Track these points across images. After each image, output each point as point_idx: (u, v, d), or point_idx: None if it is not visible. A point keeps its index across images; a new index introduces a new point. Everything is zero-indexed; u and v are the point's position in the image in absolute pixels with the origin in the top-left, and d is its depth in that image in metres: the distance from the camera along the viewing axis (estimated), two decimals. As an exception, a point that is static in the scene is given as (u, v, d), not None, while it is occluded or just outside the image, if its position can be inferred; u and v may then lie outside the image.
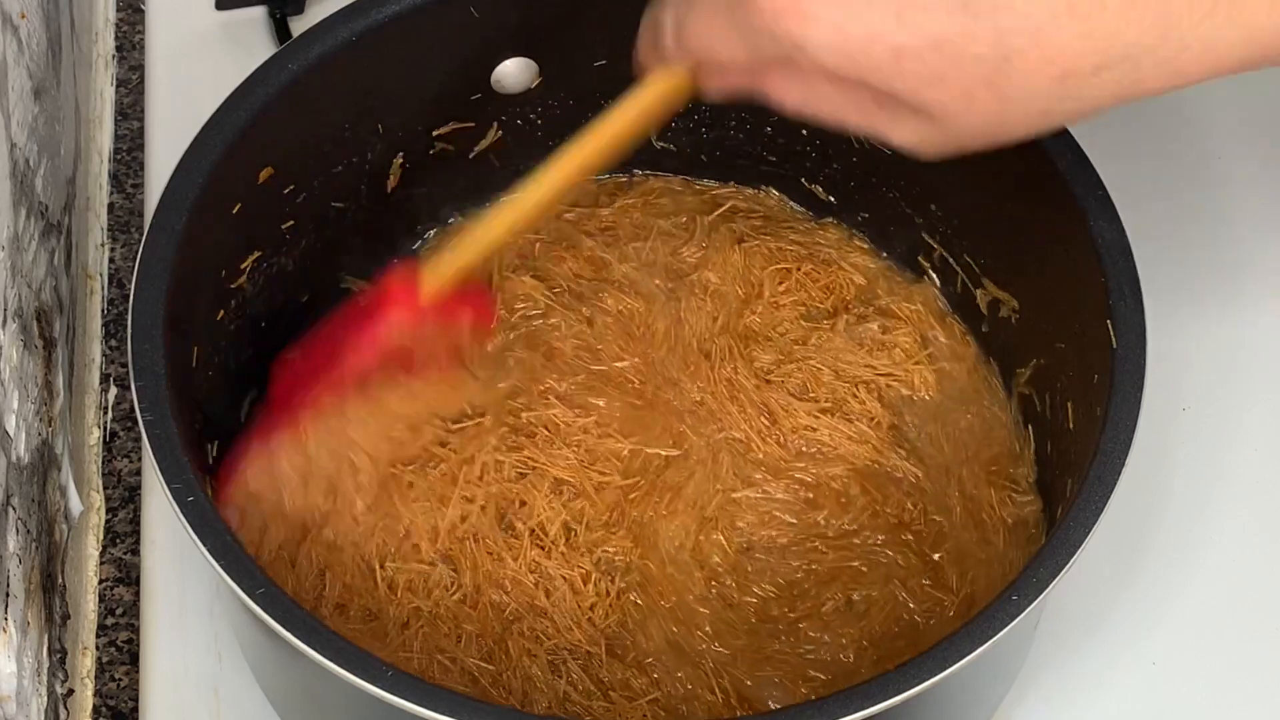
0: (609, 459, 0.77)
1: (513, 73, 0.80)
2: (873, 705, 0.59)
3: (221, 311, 0.74)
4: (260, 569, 0.61)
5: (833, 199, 0.85)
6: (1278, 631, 0.78)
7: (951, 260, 0.81)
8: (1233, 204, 0.92)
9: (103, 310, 0.91)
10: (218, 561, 0.61)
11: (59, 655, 0.75)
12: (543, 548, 0.74)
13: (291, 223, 0.77)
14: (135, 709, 0.77)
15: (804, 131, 0.82)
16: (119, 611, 0.81)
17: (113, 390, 0.88)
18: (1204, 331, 0.86)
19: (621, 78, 0.81)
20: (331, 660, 0.59)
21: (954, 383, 0.80)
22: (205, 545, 0.61)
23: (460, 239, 0.72)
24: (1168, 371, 0.81)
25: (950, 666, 0.60)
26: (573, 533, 0.75)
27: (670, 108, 0.66)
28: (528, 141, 0.84)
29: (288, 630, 0.59)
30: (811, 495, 0.77)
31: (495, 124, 0.82)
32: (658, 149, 0.85)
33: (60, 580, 0.77)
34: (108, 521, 0.84)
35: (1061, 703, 0.76)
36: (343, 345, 0.73)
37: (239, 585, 0.60)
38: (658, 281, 0.82)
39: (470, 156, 0.83)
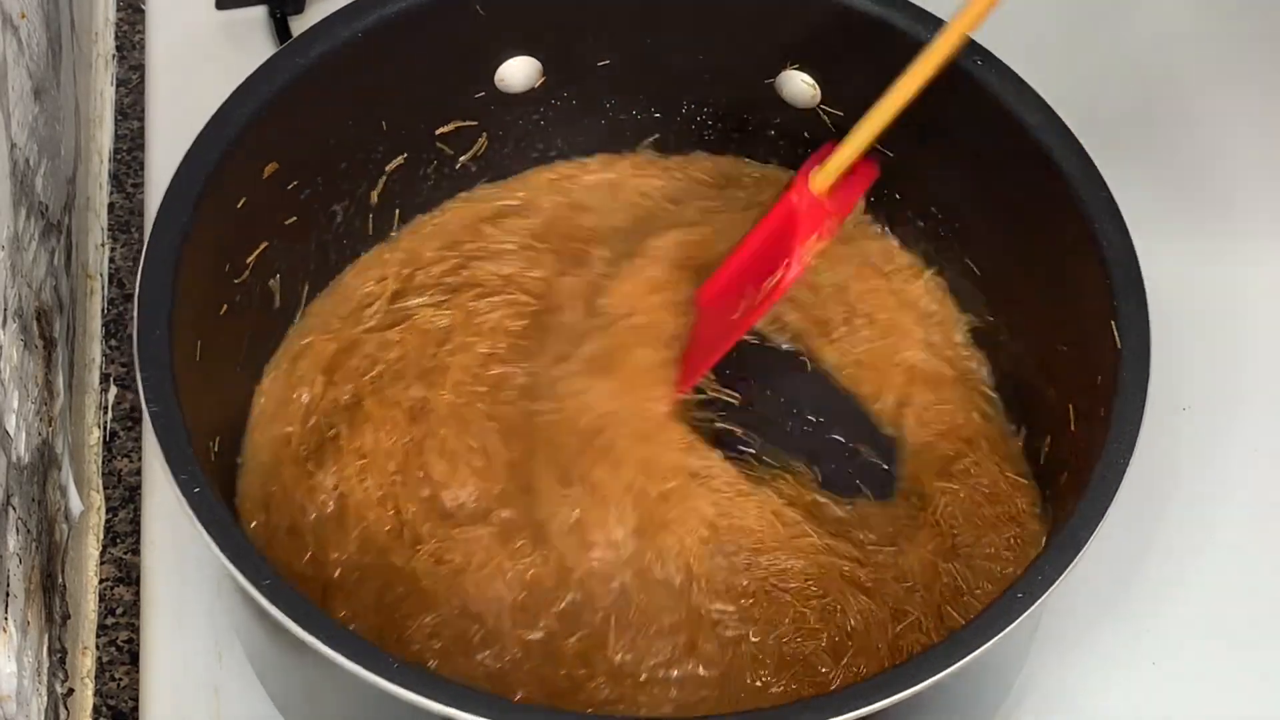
0: None
1: (517, 71, 0.80)
2: (873, 705, 0.59)
3: (225, 305, 0.74)
4: (265, 560, 0.61)
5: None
6: (1278, 631, 0.78)
7: (953, 262, 0.82)
8: (1235, 204, 0.92)
9: (103, 310, 0.91)
10: (224, 553, 0.61)
11: (59, 655, 0.75)
12: None
13: (295, 218, 0.77)
14: (135, 709, 0.76)
15: (806, 133, 0.82)
16: (119, 611, 0.81)
17: (113, 390, 0.88)
18: (1204, 331, 0.86)
19: (624, 78, 0.82)
20: (337, 651, 0.59)
21: (950, 382, 0.81)
22: (211, 536, 0.61)
23: (845, 143, 0.72)
24: (1168, 371, 0.81)
25: (951, 666, 0.60)
26: None
27: None
28: (529, 141, 0.84)
29: (293, 620, 0.59)
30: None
31: (484, 134, 0.83)
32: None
33: (60, 580, 0.77)
34: (108, 521, 0.84)
35: (1061, 703, 0.76)
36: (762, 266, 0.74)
37: (245, 576, 0.60)
38: None
39: (456, 166, 0.83)
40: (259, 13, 0.95)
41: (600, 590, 0.73)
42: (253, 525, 0.75)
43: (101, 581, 0.82)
